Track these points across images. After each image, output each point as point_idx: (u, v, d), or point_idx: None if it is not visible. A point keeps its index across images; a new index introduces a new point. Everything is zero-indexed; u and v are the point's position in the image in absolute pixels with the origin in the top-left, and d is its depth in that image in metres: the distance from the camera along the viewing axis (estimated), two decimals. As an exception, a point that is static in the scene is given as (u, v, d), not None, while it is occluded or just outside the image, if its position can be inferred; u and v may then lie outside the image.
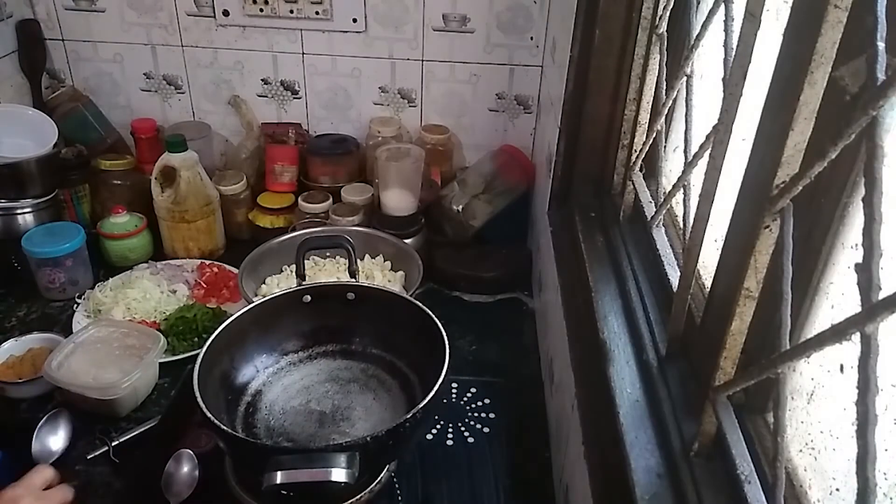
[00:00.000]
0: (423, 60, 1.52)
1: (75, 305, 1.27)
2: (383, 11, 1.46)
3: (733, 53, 0.59)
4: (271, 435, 0.90)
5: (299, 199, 1.45)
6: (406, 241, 1.32)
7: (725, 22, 0.63)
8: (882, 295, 0.36)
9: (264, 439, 0.89)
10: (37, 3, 1.50)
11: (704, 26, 0.72)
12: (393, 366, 1.00)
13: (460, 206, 1.43)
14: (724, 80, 0.62)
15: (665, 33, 0.87)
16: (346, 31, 1.49)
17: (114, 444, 0.97)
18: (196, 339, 1.18)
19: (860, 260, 0.37)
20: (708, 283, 0.71)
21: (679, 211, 0.81)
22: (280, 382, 0.98)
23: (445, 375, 0.82)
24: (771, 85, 0.53)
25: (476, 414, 1.08)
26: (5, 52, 1.47)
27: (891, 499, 0.43)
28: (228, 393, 0.93)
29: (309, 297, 1.01)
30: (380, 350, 1.02)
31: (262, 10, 1.46)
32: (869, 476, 0.37)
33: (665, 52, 0.87)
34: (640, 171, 0.97)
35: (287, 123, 1.60)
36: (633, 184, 0.95)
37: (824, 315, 0.55)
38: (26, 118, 1.39)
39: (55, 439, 0.96)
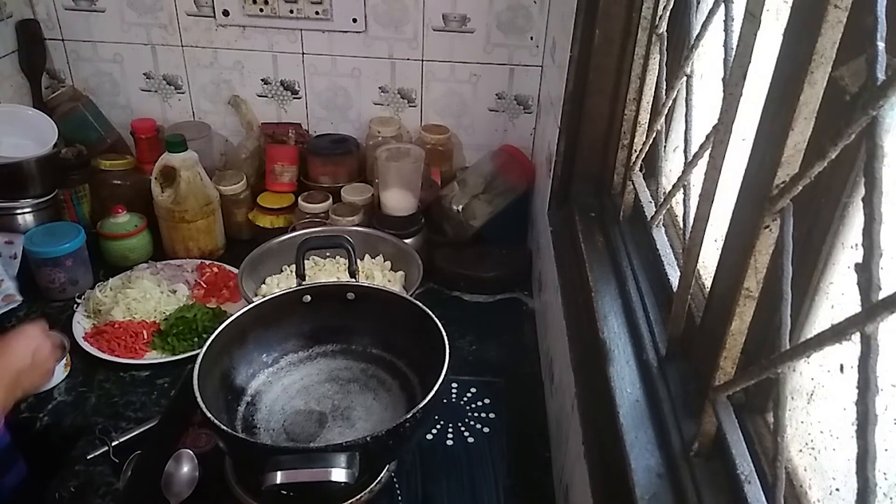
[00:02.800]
0: (423, 60, 1.52)
1: (75, 305, 1.27)
2: (383, 11, 1.46)
3: (733, 53, 0.59)
4: (271, 435, 0.90)
5: (299, 199, 1.44)
6: (406, 241, 1.32)
7: (725, 22, 0.63)
8: (882, 295, 0.36)
9: (264, 439, 0.89)
10: (37, 3, 1.50)
11: (704, 26, 0.72)
12: (393, 366, 1.00)
13: (460, 206, 1.43)
14: (724, 80, 0.62)
15: (665, 33, 0.87)
16: (346, 31, 1.49)
17: (114, 444, 0.97)
18: (196, 339, 1.18)
19: (860, 260, 0.37)
20: (708, 283, 0.71)
21: (679, 211, 0.81)
22: (280, 382, 0.98)
23: (445, 375, 0.82)
24: (771, 85, 0.53)
25: (476, 414, 1.08)
26: (5, 52, 1.47)
27: (891, 499, 0.43)
28: (228, 393, 0.93)
29: (309, 297, 1.01)
30: (380, 350, 1.02)
31: (262, 10, 1.46)
32: (869, 476, 0.37)
33: (665, 52, 0.86)
34: (640, 171, 0.97)
35: (287, 123, 1.60)
36: (633, 184, 0.95)
37: (824, 315, 0.55)
38: (26, 118, 1.40)
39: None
